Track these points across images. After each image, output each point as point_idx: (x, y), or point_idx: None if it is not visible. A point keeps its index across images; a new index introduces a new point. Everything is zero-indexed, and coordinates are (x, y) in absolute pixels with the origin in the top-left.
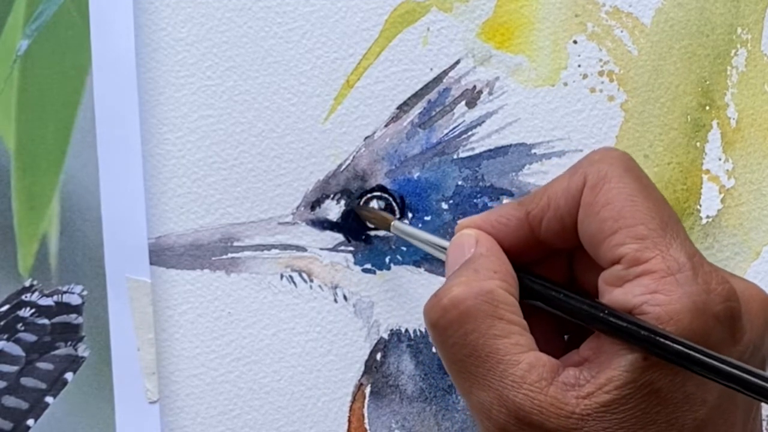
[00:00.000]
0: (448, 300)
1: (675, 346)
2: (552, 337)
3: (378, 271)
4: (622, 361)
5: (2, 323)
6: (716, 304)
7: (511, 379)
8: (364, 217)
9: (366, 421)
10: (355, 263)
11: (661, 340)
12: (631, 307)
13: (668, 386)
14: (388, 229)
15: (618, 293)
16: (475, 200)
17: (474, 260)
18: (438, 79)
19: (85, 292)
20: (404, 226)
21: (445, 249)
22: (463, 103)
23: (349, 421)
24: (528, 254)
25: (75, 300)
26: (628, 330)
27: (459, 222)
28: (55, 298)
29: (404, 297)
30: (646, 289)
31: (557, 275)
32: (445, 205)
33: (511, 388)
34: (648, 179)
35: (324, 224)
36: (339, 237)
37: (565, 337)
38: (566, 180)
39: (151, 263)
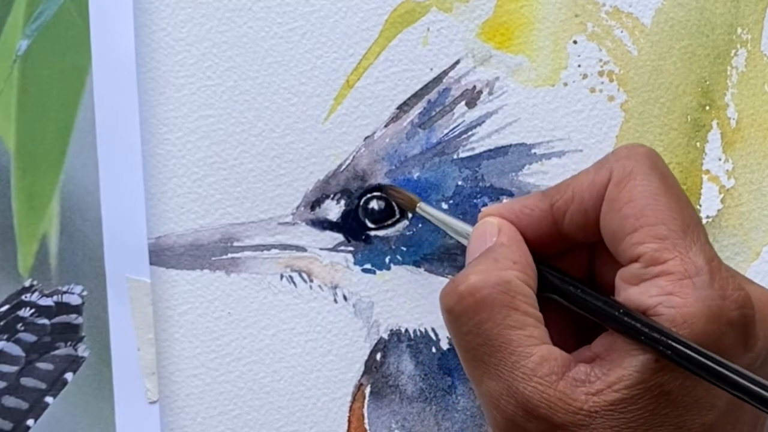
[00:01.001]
0: (464, 287)
1: (686, 351)
2: (566, 329)
3: (378, 271)
4: (634, 361)
5: (2, 323)
6: (731, 310)
7: (522, 371)
8: (391, 196)
9: (366, 421)
10: (355, 263)
11: (673, 344)
12: (646, 308)
13: (678, 389)
14: (413, 210)
15: (634, 292)
16: (475, 200)
17: (495, 249)
18: (438, 79)
19: (85, 292)
20: (430, 209)
21: (468, 235)
22: (463, 103)
23: (349, 421)
24: (549, 246)
25: (75, 300)
26: (642, 331)
27: (483, 209)
28: (55, 298)
29: (404, 297)
30: (663, 290)
31: (577, 268)
32: (445, 205)
33: (521, 380)
34: (673, 178)
35: (324, 224)
36: (339, 237)
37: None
38: (592, 174)
39: (151, 263)
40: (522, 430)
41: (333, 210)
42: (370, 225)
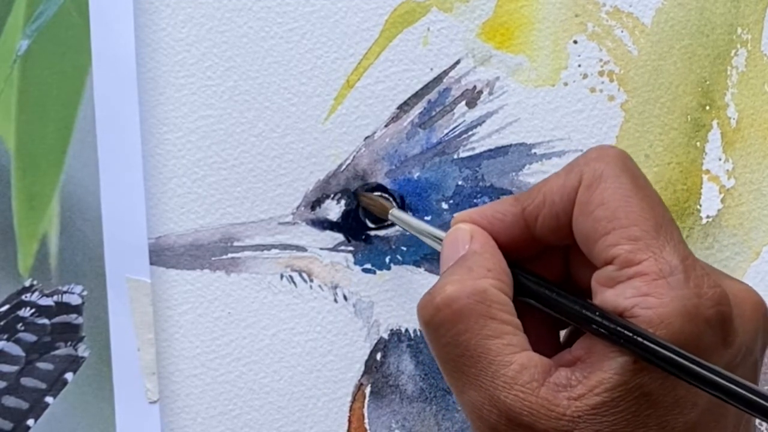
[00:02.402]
0: (440, 299)
1: (663, 351)
2: (547, 333)
3: (378, 271)
4: (613, 363)
5: (2, 323)
6: (707, 308)
7: (502, 380)
8: (364, 203)
9: (366, 421)
10: (355, 263)
11: (650, 345)
12: (622, 309)
13: (658, 390)
14: (386, 216)
15: (610, 294)
16: (475, 200)
17: (468, 257)
18: (438, 79)
19: (85, 292)
20: (402, 215)
21: (441, 240)
22: (464, 103)
23: (349, 421)
24: (524, 250)
25: (75, 300)
26: (618, 333)
27: (455, 216)
28: (55, 298)
29: (404, 297)
30: (638, 291)
31: (553, 271)
32: (445, 205)
33: (502, 389)
34: (644, 179)
35: (324, 224)
36: (339, 237)
37: (561, 333)
38: (562, 177)
39: (151, 263)
40: None
41: (333, 210)
42: (370, 225)
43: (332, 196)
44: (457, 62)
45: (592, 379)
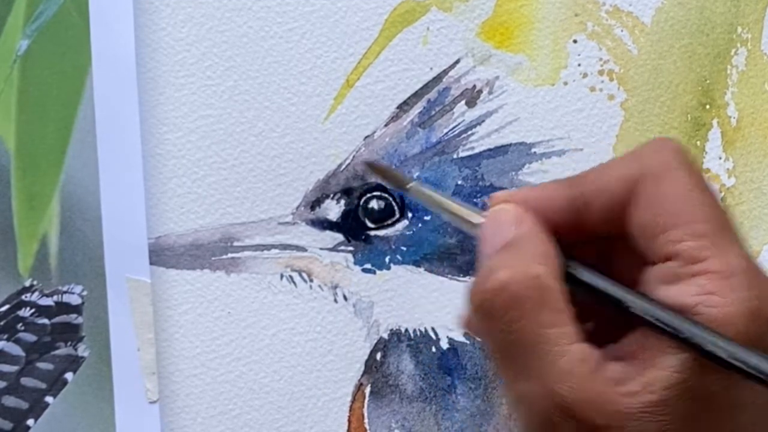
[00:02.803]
0: (492, 284)
1: (735, 351)
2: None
3: (378, 271)
4: (672, 360)
5: (2, 323)
6: None
7: (557, 371)
8: (377, 174)
9: (366, 420)
10: (355, 263)
11: (721, 344)
12: (685, 306)
13: (718, 390)
14: (403, 189)
15: (671, 290)
16: (475, 200)
17: (517, 241)
18: (438, 79)
19: (85, 292)
20: (426, 190)
21: (471, 221)
22: (463, 102)
23: (349, 421)
24: (566, 236)
25: (75, 300)
26: (684, 330)
27: (495, 195)
28: (55, 298)
29: (404, 297)
30: (702, 289)
31: (586, 261)
32: None
33: (557, 381)
34: (702, 175)
35: (324, 224)
36: (339, 237)
37: (589, 324)
38: (622, 166)
39: (151, 263)
40: (557, 430)
41: (333, 210)
42: (370, 225)
43: (332, 196)
44: (457, 62)
45: (648, 375)
